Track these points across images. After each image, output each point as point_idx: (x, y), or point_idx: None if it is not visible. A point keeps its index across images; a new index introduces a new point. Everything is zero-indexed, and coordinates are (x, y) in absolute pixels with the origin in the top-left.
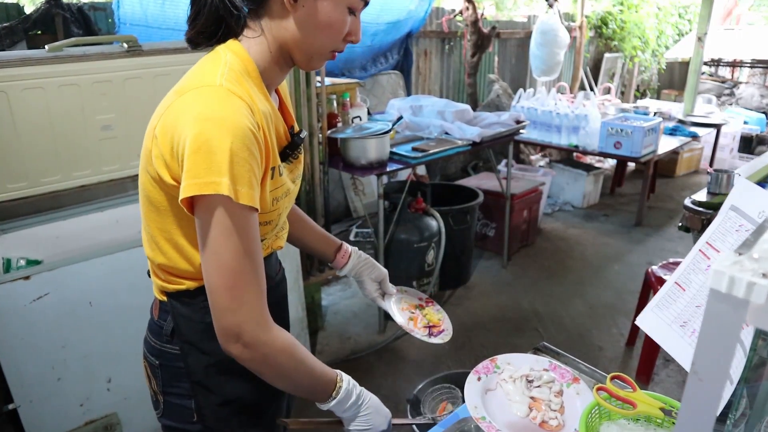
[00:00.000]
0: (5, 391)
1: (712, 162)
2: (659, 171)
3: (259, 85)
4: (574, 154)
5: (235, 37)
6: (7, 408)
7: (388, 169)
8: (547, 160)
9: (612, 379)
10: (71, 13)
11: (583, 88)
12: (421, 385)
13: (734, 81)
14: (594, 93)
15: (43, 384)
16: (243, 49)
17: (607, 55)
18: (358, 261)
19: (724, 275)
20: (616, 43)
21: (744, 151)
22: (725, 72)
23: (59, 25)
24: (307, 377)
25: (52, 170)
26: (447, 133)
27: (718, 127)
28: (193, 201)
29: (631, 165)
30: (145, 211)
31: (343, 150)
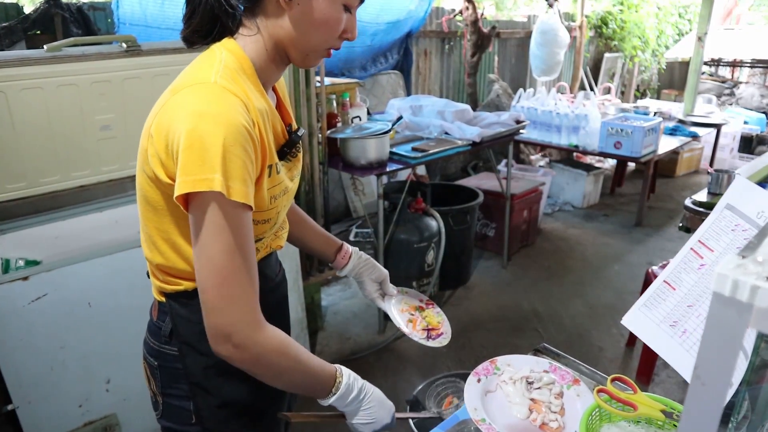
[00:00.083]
0: (4, 391)
1: (712, 162)
2: (659, 171)
3: (255, 82)
4: (574, 154)
5: (231, 36)
6: (6, 409)
7: (388, 169)
8: (547, 160)
9: (612, 380)
10: (70, 13)
11: (583, 88)
12: (421, 386)
13: (734, 81)
14: (594, 93)
15: (42, 385)
16: (238, 47)
17: (607, 55)
18: (358, 261)
19: (728, 278)
20: (616, 42)
21: (744, 151)
22: (725, 72)
23: (58, 25)
24: (304, 375)
25: (51, 170)
26: (447, 133)
27: (718, 127)
28: (187, 198)
29: (631, 165)
30: (142, 211)
31: (343, 150)
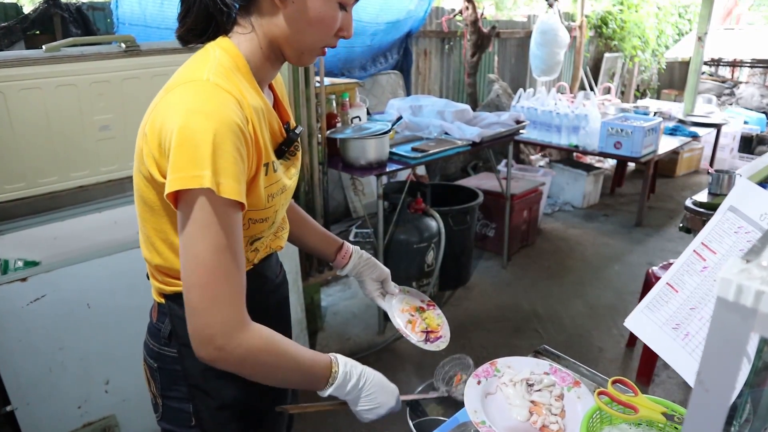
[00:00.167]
0: (2, 393)
1: (712, 162)
2: (659, 171)
3: (250, 80)
4: (574, 154)
5: (226, 34)
6: (4, 410)
7: (388, 169)
8: (547, 160)
9: (613, 383)
10: (70, 13)
11: (583, 87)
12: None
13: (734, 81)
14: (594, 93)
15: (41, 386)
16: (233, 45)
17: (607, 54)
18: (359, 260)
19: (732, 283)
20: (616, 42)
21: (744, 151)
22: (725, 72)
23: (58, 25)
24: (296, 370)
25: (49, 171)
26: (447, 133)
27: (718, 127)
28: (177, 196)
29: (631, 165)
30: (140, 211)
31: (343, 150)
